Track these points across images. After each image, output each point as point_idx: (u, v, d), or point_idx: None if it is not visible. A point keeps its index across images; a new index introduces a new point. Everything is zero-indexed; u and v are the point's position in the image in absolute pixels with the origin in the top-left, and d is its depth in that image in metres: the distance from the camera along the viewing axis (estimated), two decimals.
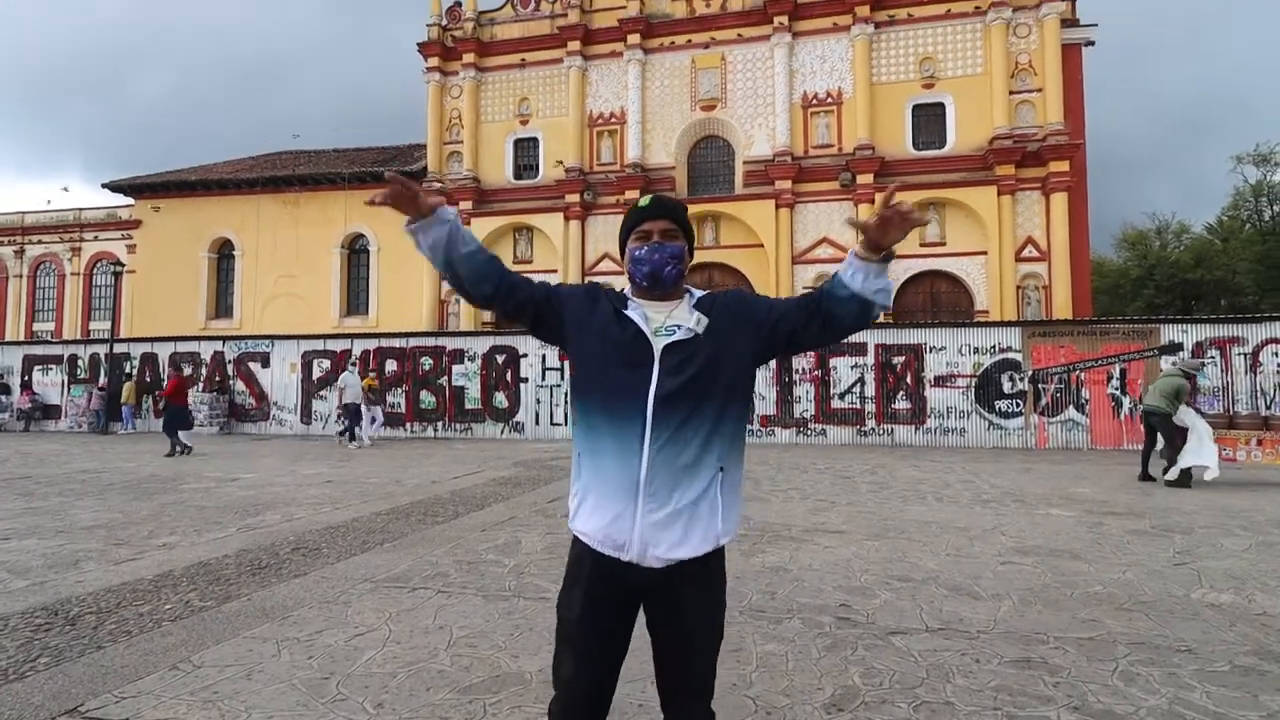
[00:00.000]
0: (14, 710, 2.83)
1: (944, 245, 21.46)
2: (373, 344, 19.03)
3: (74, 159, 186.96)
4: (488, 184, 25.16)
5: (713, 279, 23.41)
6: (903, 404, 15.74)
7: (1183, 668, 3.22)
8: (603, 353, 1.72)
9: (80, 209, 32.68)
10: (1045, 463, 12.15)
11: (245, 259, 27.70)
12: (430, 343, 18.85)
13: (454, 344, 18.57)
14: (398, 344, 18.87)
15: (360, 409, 15.52)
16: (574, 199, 23.85)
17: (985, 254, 20.94)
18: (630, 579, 1.69)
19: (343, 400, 15.38)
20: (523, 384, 17.62)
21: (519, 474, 10.35)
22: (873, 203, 21.33)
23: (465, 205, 24.76)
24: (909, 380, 15.75)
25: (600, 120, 24.38)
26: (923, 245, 21.53)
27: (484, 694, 2.97)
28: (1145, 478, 9.57)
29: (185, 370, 20.07)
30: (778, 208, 22.19)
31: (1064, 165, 20.36)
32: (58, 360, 21.51)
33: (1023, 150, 20.69)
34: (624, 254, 1.84)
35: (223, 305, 28.30)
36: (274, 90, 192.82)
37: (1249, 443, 9.61)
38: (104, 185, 28.94)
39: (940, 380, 15.58)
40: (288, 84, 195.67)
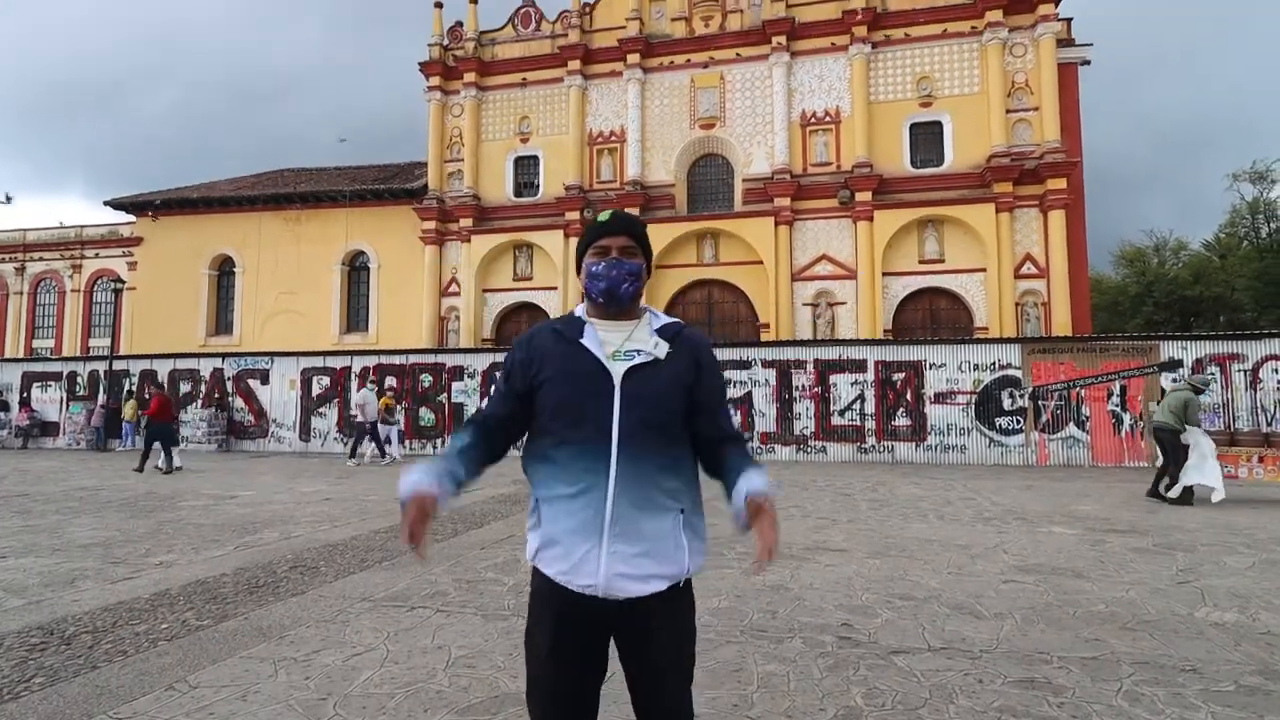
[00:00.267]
0: None
1: (943, 262, 21.52)
2: (372, 360, 19.04)
3: (77, 176, 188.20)
4: (488, 201, 25.29)
5: (712, 295, 23.49)
6: (903, 421, 15.73)
7: (1188, 687, 3.19)
8: (565, 389, 1.65)
9: (82, 226, 32.78)
10: (1046, 480, 12.12)
11: (246, 276, 27.76)
12: (430, 359, 18.87)
13: (453, 361, 18.59)
14: (397, 360, 18.88)
15: (376, 427, 15.48)
16: (574, 216, 23.94)
17: (984, 271, 21.00)
18: (598, 614, 1.64)
19: (362, 418, 15.40)
20: None
21: (518, 491, 10.30)
22: (871, 220, 21.49)
23: (466, 222, 24.90)
24: (909, 397, 15.75)
25: (600, 138, 24.55)
26: (922, 262, 21.63)
27: (482, 715, 2.94)
28: (1154, 494, 9.45)
29: (184, 387, 20.08)
30: (777, 225, 22.29)
31: (1061, 183, 20.47)
32: (57, 377, 21.51)
33: (1020, 168, 20.82)
34: (580, 269, 1.79)
35: (223, 322, 28.32)
36: (277, 108, 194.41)
37: (1250, 459, 9.59)
38: (106, 203, 29.13)
39: (940, 397, 15.58)
40: (290, 102, 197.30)
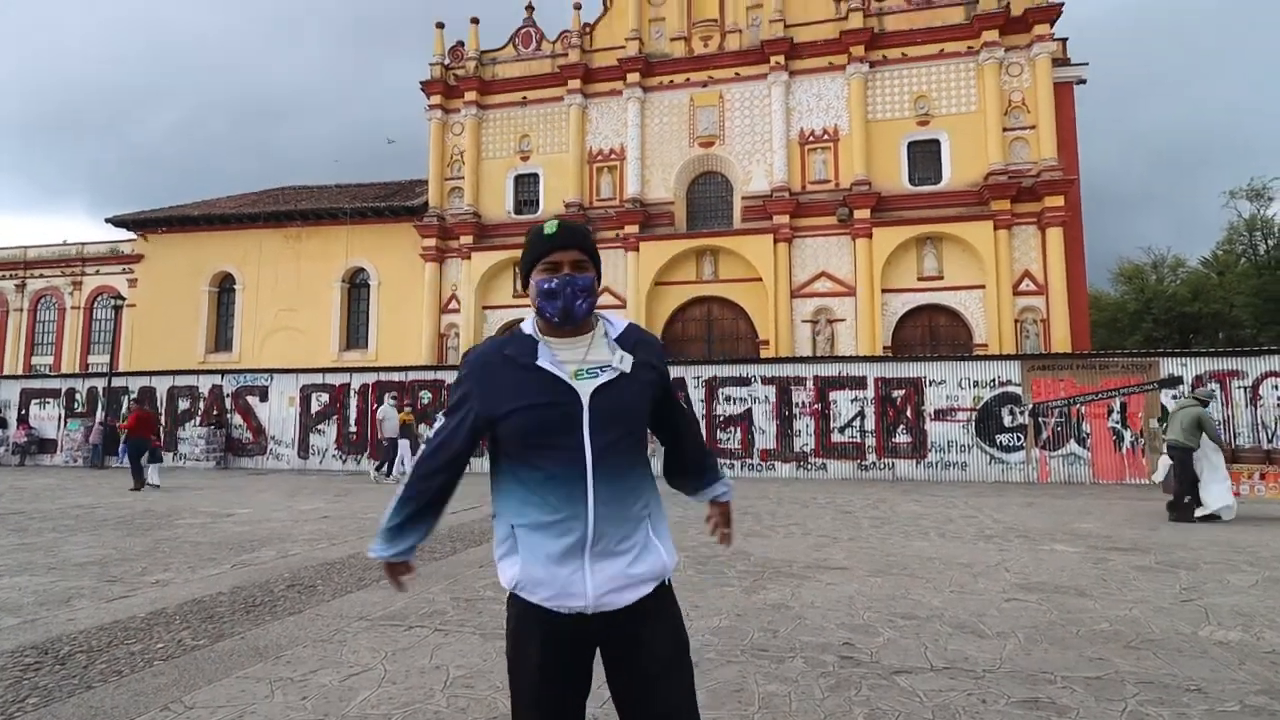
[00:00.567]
0: None
1: (942, 279, 21.58)
2: (372, 378, 19.02)
3: (79, 194, 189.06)
4: (488, 219, 25.39)
5: (712, 312, 23.54)
6: (903, 438, 15.69)
7: (1192, 707, 3.16)
8: (532, 420, 1.59)
9: (83, 243, 32.87)
10: (1047, 497, 12.07)
11: (246, 293, 27.80)
12: (429, 376, 18.86)
13: (453, 377, 18.51)
14: (396, 377, 18.86)
15: (397, 442, 15.41)
16: None
17: (983, 287, 21.05)
18: (584, 632, 1.59)
19: (383, 434, 15.31)
20: None
21: None
22: (870, 237, 21.57)
23: (466, 240, 25.00)
24: (909, 414, 15.73)
25: (600, 156, 24.70)
26: (921, 279, 21.69)
27: None
28: (1180, 518, 9.09)
29: (183, 404, 20.04)
30: (776, 242, 22.38)
31: (1059, 200, 20.58)
32: (55, 394, 21.48)
33: (1018, 185, 20.93)
34: (527, 284, 1.70)
35: (222, 339, 28.34)
36: (278, 127, 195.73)
37: (1251, 476, 9.55)
38: (108, 220, 29.22)
39: (940, 414, 15.56)
40: (291, 121, 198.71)
